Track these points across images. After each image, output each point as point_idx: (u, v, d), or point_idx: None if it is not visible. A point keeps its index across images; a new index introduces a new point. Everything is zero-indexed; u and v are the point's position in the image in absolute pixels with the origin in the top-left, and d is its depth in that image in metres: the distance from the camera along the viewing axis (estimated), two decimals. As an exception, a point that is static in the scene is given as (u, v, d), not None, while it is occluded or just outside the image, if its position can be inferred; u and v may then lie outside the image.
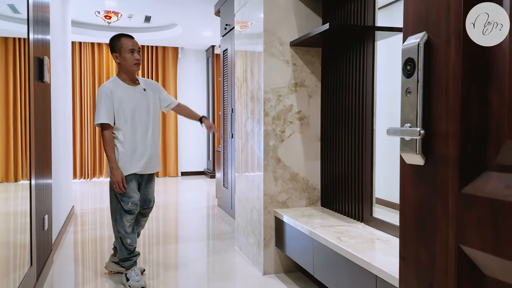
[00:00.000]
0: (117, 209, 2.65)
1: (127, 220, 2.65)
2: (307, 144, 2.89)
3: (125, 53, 2.60)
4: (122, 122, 2.60)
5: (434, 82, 0.90)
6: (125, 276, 2.68)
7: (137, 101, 2.65)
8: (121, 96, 2.60)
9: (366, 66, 2.40)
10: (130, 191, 2.62)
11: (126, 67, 2.62)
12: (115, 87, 2.61)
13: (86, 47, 7.82)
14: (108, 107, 2.56)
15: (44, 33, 2.87)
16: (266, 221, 2.81)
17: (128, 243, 2.67)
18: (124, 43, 2.61)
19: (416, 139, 0.90)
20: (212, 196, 5.97)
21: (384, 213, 2.47)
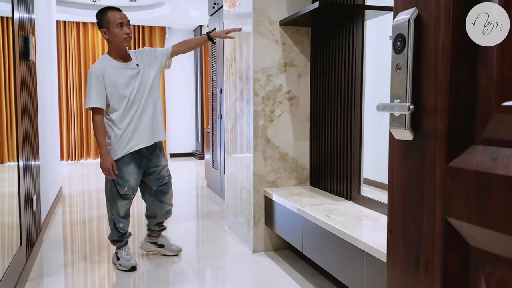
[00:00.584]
0: (112, 193, 2.59)
1: (122, 205, 2.61)
2: (296, 124, 2.90)
3: (114, 27, 2.46)
4: (116, 103, 2.49)
5: (424, 58, 0.91)
6: (116, 256, 2.69)
7: (131, 79, 2.52)
8: (113, 77, 2.47)
9: (356, 46, 2.40)
10: (127, 174, 2.56)
11: (116, 42, 2.48)
12: (106, 67, 2.48)
13: (71, 26, 7.66)
14: (99, 90, 2.44)
15: (29, 12, 2.80)
16: (255, 200, 2.84)
17: (120, 227, 2.65)
18: (112, 17, 2.46)
19: (405, 115, 0.91)
20: (201, 177, 5.99)
21: (372, 191, 2.51)
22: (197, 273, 2.59)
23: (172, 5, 6.59)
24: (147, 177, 2.72)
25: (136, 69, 2.55)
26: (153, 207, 2.78)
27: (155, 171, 2.70)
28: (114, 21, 2.46)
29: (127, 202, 2.63)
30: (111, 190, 2.59)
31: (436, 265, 0.89)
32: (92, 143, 7.84)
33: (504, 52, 0.76)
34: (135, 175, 2.60)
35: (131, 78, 2.53)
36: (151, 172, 2.70)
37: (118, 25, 2.47)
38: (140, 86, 2.54)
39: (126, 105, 2.51)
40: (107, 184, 2.62)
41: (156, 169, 2.70)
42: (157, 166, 2.70)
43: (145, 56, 2.63)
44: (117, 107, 2.50)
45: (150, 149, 2.66)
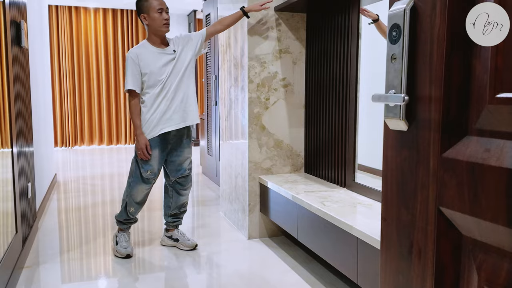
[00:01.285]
0: (135, 175, 2.61)
1: (142, 189, 2.62)
2: (291, 111, 2.90)
3: (154, 13, 2.49)
4: (150, 86, 2.52)
5: (419, 48, 0.91)
6: (115, 238, 2.72)
7: (166, 64, 2.54)
8: (149, 61, 2.51)
9: (351, 33, 2.39)
10: (151, 158, 2.57)
11: (155, 27, 2.52)
12: (143, 52, 2.52)
13: (63, 11, 7.55)
14: (135, 73, 2.49)
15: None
16: (250, 187, 2.85)
17: (131, 211, 2.66)
18: (152, 3, 2.49)
19: (400, 105, 0.92)
20: (196, 164, 5.99)
21: (366, 178, 2.53)
22: (192, 258, 2.62)
23: (166, -10, 6.50)
24: (168, 166, 2.72)
25: (173, 54, 2.57)
26: (170, 197, 2.78)
27: (176, 161, 2.69)
28: (154, 7, 2.49)
29: (148, 187, 2.64)
30: (135, 172, 2.61)
31: (428, 253, 0.90)
32: (85, 129, 7.80)
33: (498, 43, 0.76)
34: (158, 160, 2.61)
35: (166, 63, 2.55)
36: (172, 160, 2.69)
37: (158, 10, 2.50)
38: (173, 71, 2.56)
39: (158, 88, 2.53)
40: (132, 165, 2.65)
41: (177, 159, 2.69)
42: (179, 156, 2.70)
43: (182, 41, 2.64)
44: (149, 91, 2.53)
45: (177, 136, 2.66)
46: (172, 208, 2.78)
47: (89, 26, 7.70)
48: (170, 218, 2.81)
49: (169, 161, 2.70)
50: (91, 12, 7.70)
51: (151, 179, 2.62)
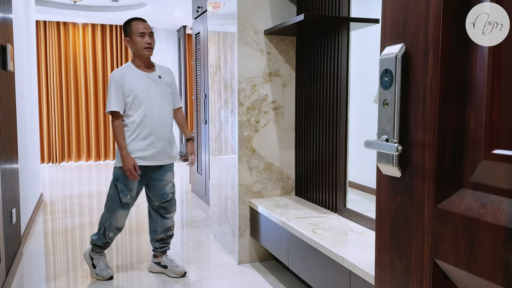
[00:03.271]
0: (114, 200, 2.56)
1: (121, 214, 2.58)
2: (281, 133, 2.89)
3: (136, 36, 2.49)
4: (133, 110, 2.49)
5: (412, 95, 0.90)
6: (91, 260, 2.66)
7: (150, 89, 2.52)
8: (133, 83, 2.48)
9: (341, 55, 2.39)
10: (130, 183, 2.53)
11: (138, 51, 2.52)
12: (128, 73, 2.50)
13: (51, 26, 7.50)
14: (119, 94, 2.46)
15: (6, 16, 2.72)
16: (241, 211, 2.82)
17: (110, 236, 2.62)
18: (135, 27, 2.50)
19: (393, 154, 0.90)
20: (185, 181, 5.94)
21: (357, 199, 2.52)
22: (181, 286, 2.56)
23: (155, 6, 6.50)
24: (150, 191, 2.67)
25: (158, 80, 2.57)
26: (155, 221, 2.73)
27: (159, 185, 2.64)
28: (136, 31, 2.50)
29: (127, 212, 2.62)
30: (114, 197, 2.56)
31: (424, 306, 0.88)
32: (73, 145, 7.70)
33: (493, 97, 0.75)
34: (138, 185, 2.58)
35: (151, 86, 2.53)
36: (154, 185, 2.64)
37: (140, 34, 2.50)
38: (158, 96, 2.55)
39: (142, 113, 2.50)
40: (110, 189, 2.59)
41: (159, 184, 2.64)
42: (162, 180, 2.64)
43: (169, 74, 2.66)
44: (132, 113, 2.50)
45: None
46: (158, 233, 2.73)
47: (77, 42, 7.65)
48: (157, 243, 2.75)
49: (151, 185, 2.65)
50: (80, 27, 7.66)
51: (130, 204, 2.60)
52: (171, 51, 8.36)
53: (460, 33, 0.80)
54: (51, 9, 6.75)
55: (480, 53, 0.77)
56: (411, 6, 0.89)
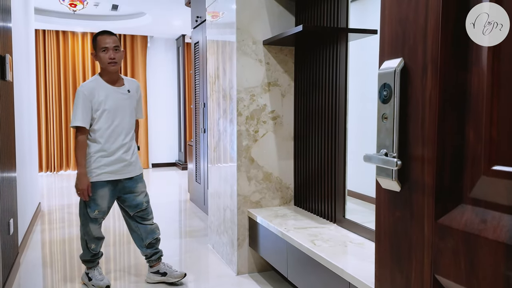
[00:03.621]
0: (84, 214, 2.57)
1: (93, 227, 2.58)
2: (280, 143, 2.89)
3: (99, 51, 2.49)
4: (101, 124, 2.48)
5: (411, 109, 0.89)
6: (87, 276, 2.64)
7: (119, 103, 2.53)
8: (102, 98, 2.48)
9: (339, 65, 2.40)
10: (99, 198, 2.52)
11: (102, 66, 2.52)
12: (96, 87, 2.49)
13: (51, 35, 7.52)
14: (86, 109, 2.44)
15: (5, 28, 2.73)
16: (239, 221, 2.80)
17: (92, 248, 2.61)
18: (99, 41, 2.50)
19: (393, 169, 0.90)
20: (184, 190, 5.92)
21: (357, 209, 2.51)
22: (180, 297, 2.54)
23: (154, 15, 6.53)
24: (123, 203, 2.65)
25: (127, 94, 2.58)
26: (135, 230, 2.71)
27: (131, 197, 2.63)
28: (100, 45, 2.49)
29: (97, 226, 2.60)
30: (83, 211, 2.57)
31: (425, 322, 0.87)
32: (71, 154, 7.68)
33: (492, 113, 0.75)
34: (108, 199, 2.56)
35: (119, 101, 2.54)
36: (126, 197, 2.62)
37: (102, 49, 2.49)
38: (126, 110, 2.57)
39: (111, 128, 2.50)
40: (80, 204, 2.59)
41: (131, 195, 2.63)
42: (133, 192, 2.63)
43: (136, 88, 2.68)
44: (99, 127, 2.49)
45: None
46: (144, 238, 2.69)
47: (76, 50, 7.67)
48: (148, 250, 2.71)
49: (123, 198, 2.63)
50: (79, 36, 7.68)
51: (99, 218, 2.58)
52: (170, 60, 8.38)
53: (458, 48, 0.80)
54: (51, 18, 6.77)
55: (479, 69, 0.77)
56: (410, 20, 0.90)
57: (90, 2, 6.15)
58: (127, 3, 5.99)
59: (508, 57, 0.71)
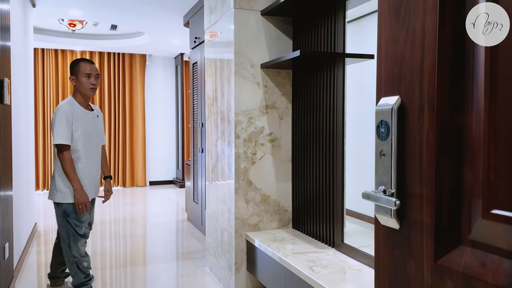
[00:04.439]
0: (71, 234, 2.59)
1: (82, 244, 2.62)
2: (278, 166, 2.88)
3: (82, 77, 2.62)
4: (80, 145, 2.61)
5: (408, 148, 0.90)
6: None
7: (91, 126, 2.68)
8: (80, 120, 2.61)
9: (336, 89, 2.41)
10: (83, 215, 2.63)
11: (82, 90, 2.64)
12: (75, 110, 2.61)
13: (49, 54, 7.56)
14: (68, 128, 2.54)
15: (5, 40, 2.75)
16: (237, 244, 2.78)
17: (85, 266, 2.63)
18: (82, 67, 2.63)
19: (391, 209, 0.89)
20: (181, 209, 5.89)
21: (355, 230, 2.50)
22: (177, 323, 2.51)
23: (152, 35, 6.58)
24: None
25: (97, 119, 2.76)
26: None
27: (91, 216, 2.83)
28: (83, 71, 2.63)
29: (85, 240, 2.68)
30: (69, 232, 2.59)
31: None
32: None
33: (490, 157, 0.75)
34: (89, 213, 2.73)
35: (91, 124, 2.70)
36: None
37: (86, 75, 2.63)
38: (97, 134, 2.74)
39: (87, 149, 2.64)
40: (63, 227, 2.60)
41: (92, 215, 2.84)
42: (93, 211, 2.86)
43: (100, 114, 2.88)
44: (79, 149, 2.60)
45: None
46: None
47: (75, 69, 7.70)
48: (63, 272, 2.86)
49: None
50: (78, 55, 7.73)
51: (87, 233, 2.67)
52: (168, 78, 8.42)
53: (455, 89, 0.81)
54: (50, 37, 6.82)
55: (475, 111, 0.78)
56: (406, 59, 0.90)
57: (89, 22, 6.20)
58: (125, 23, 6.05)
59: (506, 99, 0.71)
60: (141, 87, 8.12)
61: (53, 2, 4.85)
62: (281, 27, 2.85)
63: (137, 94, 8.08)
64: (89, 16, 5.67)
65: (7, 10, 2.88)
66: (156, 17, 5.49)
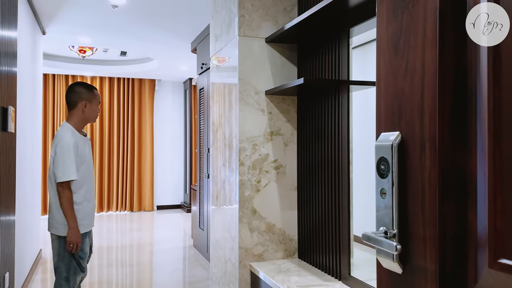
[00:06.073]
0: (71, 268, 2.50)
1: (80, 277, 2.57)
2: (283, 193, 2.83)
3: (95, 104, 2.62)
4: (82, 175, 2.53)
5: (410, 187, 0.85)
6: None
7: (89, 153, 2.64)
8: (82, 149, 2.55)
9: (341, 115, 2.37)
10: (85, 247, 2.57)
11: (89, 117, 2.61)
12: (76, 139, 2.52)
13: (60, 79, 7.68)
14: (75, 162, 2.46)
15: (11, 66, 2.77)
16: (241, 275, 2.71)
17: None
18: (97, 96, 2.64)
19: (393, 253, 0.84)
20: (188, 235, 5.81)
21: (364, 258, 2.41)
22: None
23: (161, 61, 6.66)
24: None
25: (89, 144, 2.71)
26: None
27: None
28: (98, 100, 2.64)
29: (84, 274, 2.63)
30: (70, 265, 2.50)
31: None
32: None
33: (496, 200, 0.70)
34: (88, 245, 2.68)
35: (89, 152, 2.66)
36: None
37: (98, 103, 2.64)
38: (91, 160, 2.70)
39: (90, 179, 2.60)
40: (63, 261, 2.48)
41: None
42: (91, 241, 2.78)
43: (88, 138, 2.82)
44: (82, 180, 2.53)
45: None
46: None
47: (85, 94, 7.79)
48: None
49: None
50: (88, 80, 7.83)
51: (86, 266, 2.62)
52: (177, 102, 8.48)
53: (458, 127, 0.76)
54: (60, 63, 6.94)
55: (479, 150, 0.73)
56: (406, 95, 0.87)
57: (99, 48, 6.29)
58: (135, 49, 6.13)
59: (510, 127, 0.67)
60: (150, 111, 8.17)
61: (63, 29, 4.93)
62: (286, 54, 2.84)
63: (146, 118, 8.12)
64: (99, 42, 5.76)
65: (14, 37, 2.92)
66: (165, 43, 5.56)
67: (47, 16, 4.38)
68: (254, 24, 2.76)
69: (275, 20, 2.80)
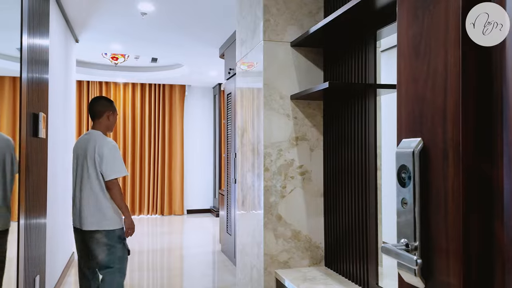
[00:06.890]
0: (124, 258, 2.75)
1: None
2: (309, 200, 2.78)
3: (116, 115, 2.94)
4: None
5: (432, 198, 0.80)
6: None
7: None
8: None
9: (368, 120, 2.31)
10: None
11: (110, 126, 2.88)
12: None
13: (94, 86, 7.89)
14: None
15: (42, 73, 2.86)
16: (266, 282, 2.67)
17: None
18: (116, 108, 2.93)
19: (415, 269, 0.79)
20: (217, 239, 5.82)
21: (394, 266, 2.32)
22: None
23: (191, 66, 6.74)
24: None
25: None
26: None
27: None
28: (116, 111, 2.94)
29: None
30: (122, 257, 2.73)
31: None
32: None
33: (525, 213, 0.65)
34: None
35: None
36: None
37: (117, 115, 2.97)
38: None
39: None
40: (116, 253, 2.68)
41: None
42: None
43: None
44: None
45: None
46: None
47: (118, 100, 7.99)
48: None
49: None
50: (121, 86, 8.02)
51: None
52: (206, 107, 8.55)
53: (483, 134, 0.71)
54: (94, 70, 7.13)
55: (506, 158, 0.68)
56: (427, 100, 0.82)
57: (131, 56, 6.43)
58: (165, 56, 6.23)
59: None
60: (180, 116, 8.28)
61: (95, 37, 5.07)
62: (312, 58, 2.80)
63: (176, 123, 8.23)
64: (130, 50, 5.89)
65: (46, 45, 3.01)
66: (194, 50, 5.61)
67: (79, 25, 4.51)
68: (279, 28, 2.73)
69: (300, 24, 2.77)
